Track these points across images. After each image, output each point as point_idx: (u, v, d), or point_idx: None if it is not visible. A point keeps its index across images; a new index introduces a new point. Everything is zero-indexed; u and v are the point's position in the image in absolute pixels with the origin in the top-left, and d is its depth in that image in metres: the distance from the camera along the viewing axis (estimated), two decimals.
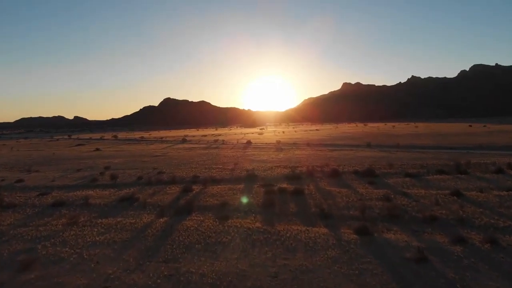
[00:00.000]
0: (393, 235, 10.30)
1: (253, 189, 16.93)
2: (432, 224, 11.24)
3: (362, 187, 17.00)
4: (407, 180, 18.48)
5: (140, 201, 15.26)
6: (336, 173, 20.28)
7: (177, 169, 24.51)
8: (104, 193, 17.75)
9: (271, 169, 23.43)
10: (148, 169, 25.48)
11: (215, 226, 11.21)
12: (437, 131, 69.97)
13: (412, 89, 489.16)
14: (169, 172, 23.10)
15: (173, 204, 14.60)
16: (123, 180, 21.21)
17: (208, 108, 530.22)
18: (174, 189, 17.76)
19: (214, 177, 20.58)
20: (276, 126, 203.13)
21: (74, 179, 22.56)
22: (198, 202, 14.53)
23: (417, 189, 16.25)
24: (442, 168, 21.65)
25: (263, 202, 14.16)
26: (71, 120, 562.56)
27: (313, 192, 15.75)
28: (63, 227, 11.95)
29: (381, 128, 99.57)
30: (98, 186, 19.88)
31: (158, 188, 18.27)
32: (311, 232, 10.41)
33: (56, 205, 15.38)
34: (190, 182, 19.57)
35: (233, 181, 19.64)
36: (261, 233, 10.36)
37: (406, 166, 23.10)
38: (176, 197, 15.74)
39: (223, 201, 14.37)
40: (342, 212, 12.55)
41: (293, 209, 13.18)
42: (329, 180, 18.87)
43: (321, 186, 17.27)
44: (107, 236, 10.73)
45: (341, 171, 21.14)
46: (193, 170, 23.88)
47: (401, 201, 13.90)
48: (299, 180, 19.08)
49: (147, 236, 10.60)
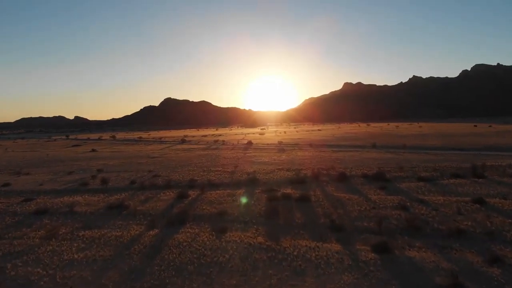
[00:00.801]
0: (417, 252, 8.89)
1: (255, 195, 15.52)
2: (459, 239, 9.83)
3: (374, 193, 15.58)
4: (421, 185, 17.07)
5: (130, 209, 13.86)
6: (343, 176, 18.86)
7: (174, 172, 23.11)
8: (93, 199, 16.36)
9: (273, 172, 22.02)
10: (143, 171, 24.08)
11: (211, 241, 9.79)
12: (442, 131, 68.49)
13: (414, 89, 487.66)
14: (164, 176, 21.70)
15: (166, 212, 13.19)
16: (115, 184, 19.81)
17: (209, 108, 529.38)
18: (169, 194, 16.35)
19: (212, 181, 19.17)
20: (277, 126, 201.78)
21: (63, 183, 21.17)
22: (193, 211, 13.12)
23: (434, 196, 14.84)
24: (456, 172, 20.24)
25: (266, 210, 12.75)
26: (71, 120, 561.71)
27: (321, 199, 14.33)
28: (40, 241, 10.56)
29: (384, 128, 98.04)
30: (88, 191, 18.49)
31: (152, 193, 16.87)
32: (322, 249, 9.00)
33: (39, 213, 14.00)
34: (186, 186, 18.17)
35: (233, 185, 18.23)
36: (264, 251, 8.95)
37: (418, 169, 21.68)
38: (169, 205, 14.33)
39: (221, 210, 12.96)
40: (355, 224, 11.13)
41: (300, 219, 11.76)
42: (336, 185, 17.45)
43: (329, 192, 15.85)
44: (87, 253, 9.33)
45: (349, 175, 19.71)
46: (191, 173, 22.48)
47: (420, 210, 12.50)
48: (304, 185, 17.67)
49: (133, 253, 9.19)
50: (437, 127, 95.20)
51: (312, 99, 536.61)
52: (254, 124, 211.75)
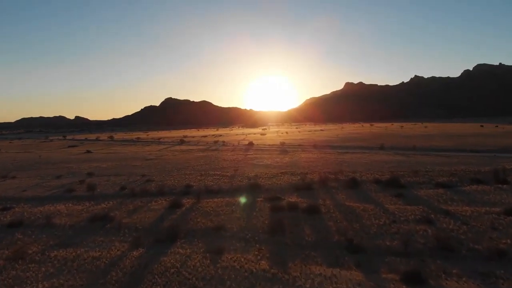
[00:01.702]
0: (456, 283, 7.20)
1: (256, 204, 13.82)
2: (501, 262, 8.17)
3: (390, 202, 13.89)
4: (441, 192, 15.37)
5: (114, 222, 12.18)
6: (354, 182, 17.15)
7: (169, 176, 21.43)
8: (76, 208, 14.69)
9: (276, 176, 20.33)
10: (136, 175, 22.41)
11: (204, 266, 8.10)
12: (449, 132, 66.70)
13: (415, 89, 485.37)
14: (158, 180, 20.03)
15: (155, 226, 11.52)
16: (104, 190, 18.13)
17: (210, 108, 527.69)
18: (161, 203, 14.67)
19: (210, 187, 17.49)
20: (278, 126, 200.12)
21: (48, 189, 19.52)
22: (186, 224, 11.43)
23: (459, 206, 13.15)
24: (476, 176, 18.55)
25: (270, 224, 11.05)
26: (72, 120, 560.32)
27: (332, 210, 12.62)
28: (4, 263, 8.91)
29: (389, 129, 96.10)
30: (73, 198, 16.83)
31: (142, 201, 15.19)
32: (341, 279, 7.30)
33: (13, 226, 12.36)
34: (181, 193, 16.50)
35: (233, 192, 16.55)
36: (268, 282, 7.25)
37: (433, 173, 19.98)
38: (160, 216, 12.64)
39: (218, 223, 11.27)
40: (376, 242, 9.43)
41: (310, 236, 10.06)
42: (347, 192, 15.75)
43: (340, 201, 14.15)
44: (54, 283, 7.65)
45: (360, 180, 18.00)
46: (187, 177, 20.79)
47: (447, 225, 10.80)
48: (311, 192, 15.98)
49: (109, 283, 7.51)
50: (443, 127, 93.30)
51: (313, 99, 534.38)
52: (255, 124, 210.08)
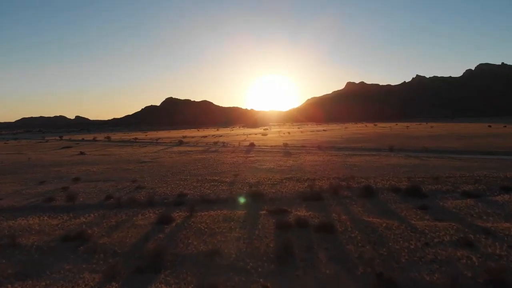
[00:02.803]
0: None
1: (259, 219, 11.82)
2: None
3: (415, 216, 11.90)
4: (471, 203, 13.39)
5: (90, 242, 10.20)
6: (369, 191, 15.14)
7: (162, 182, 19.43)
8: (51, 222, 12.71)
9: (280, 182, 18.32)
10: (127, 181, 20.42)
11: None
12: (457, 132, 64.56)
13: (417, 89, 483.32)
14: (149, 187, 18.04)
15: (137, 249, 9.53)
16: (87, 199, 16.15)
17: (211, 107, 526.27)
18: (148, 217, 12.69)
19: (206, 196, 15.50)
20: (280, 126, 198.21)
21: (27, 197, 17.55)
22: (175, 247, 9.44)
23: (497, 221, 11.20)
24: (504, 183, 16.63)
25: (276, 249, 9.05)
26: (72, 120, 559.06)
27: (349, 227, 10.61)
28: None
29: (394, 129, 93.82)
30: (51, 209, 14.85)
31: (127, 214, 13.22)
32: None
33: None
34: (173, 204, 14.52)
35: (232, 202, 14.57)
36: None
37: (455, 179, 17.98)
38: (145, 235, 10.64)
39: (213, 247, 9.28)
40: (411, 276, 7.43)
41: (327, 267, 8.04)
42: (363, 203, 13.75)
43: (356, 214, 12.15)
44: None
45: (375, 188, 15.99)
46: (182, 183, 18.80)
47: (492, 249, 8.81)
48: (322, 203, 13.98)
49: None
50: (449, 127, 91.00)
51: (315, 99, 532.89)
52: (256, 124, 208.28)
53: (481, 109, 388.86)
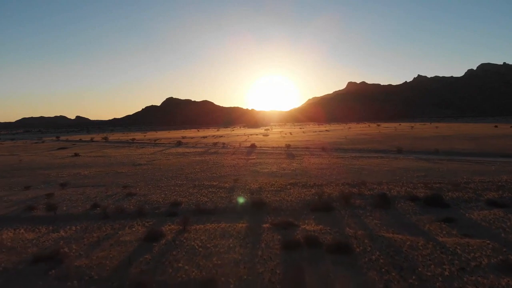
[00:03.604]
0: None
1: (262, 235, 10.24)
2: None
3: (441, 230, 10.35)
4: (499, 214, 11.86)
5: (64, 264, 8.63)
6: (384, 200, 13.55)
7: (155, 188, 17.87)
8: (27, 236, 11.17)
9: (285, 188, 16.75)
10: (118, 186, 18.86)
11: None
12: (465, 133, 62.78)
13: (418, 88, 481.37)
14: (141, 194, 16.48)
15: (118, 275, 7.95)
16: (71, 208, 14.59)
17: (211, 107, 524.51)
18: (136, 231, 11.12)
19: (202, 205, 13.95)
20: (281, 126, 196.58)
21: (9, 205, 16.05)
22: (162, 274, 7.86)
23: None
24: None
25: (283, 278, 7.46)
26: (72, 120, 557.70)
27: (368, 247, 9.02)
28: None
29: (398, 129, 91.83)
30: (30, 220, 13.34)
31: (113, 227, 11.66)
32: None
33: None
34: (165, 214, 12.97)
35: (231, 213, 13.01)
36: None
37: (476, 185, 16.40)
38: (129, 256, 9.05)
39: (208, 274, 7.71)
40: None
41: None
42: (379, 214, 12.17)
43: (374, 229, 10.57)
44: None
45: (390, 195, 14.41)
46: (177, 189, 17.23)
47: None
48: (332, 214, 12.41)
49: None
50: (455, 127, 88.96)
51: (316, 99, 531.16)
52: (257, 124, 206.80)
53: (483, 109, 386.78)
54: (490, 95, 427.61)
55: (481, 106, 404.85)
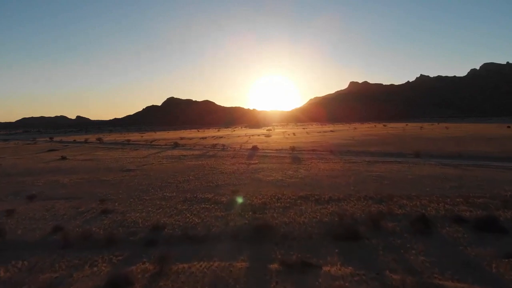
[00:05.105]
0: None
1: (269, 284, 7.27)
2: None
3: None
4: None
5: None
6: (424, 222, 10.56)
7: (137, 203, 14.90)
8: None
9: (294, 204, 13.76)
10: (95, 200, 15.89)
11: None
12: (477, 134, 59.60)
13: (421, 88, 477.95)
14: (119, 212, 13.51)
15: None
16: (27, 232, 11.60)
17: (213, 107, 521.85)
18: (97, 271, 8.19)
19: (190, 230, 10.97)
20: (283, 126, 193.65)
21: None
22: None
23: None
24: None
25: None
26: (73, 120, 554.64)
27: None
28: None
29: (407, 130, 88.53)
30: None
31: (70, 264, 8.74)
32: None
33: None
34: (141, 243, 10.00)
35: (227, 240, 10.04)
36: None
37: None
38: None
39: None
40: None
41: None
42: (423, 245, 9.19)
43: (423, 272, 7.59)
44: None
45: (428, 216, 11.40)
46: (162, 206, 14.24)
47: None
48: (361, 244, 9.44)
49: None
50: (465, 128, 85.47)
51: (317, 99, 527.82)
52: (258, 124, 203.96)
53: (483, 109, 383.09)
54: (490, 95, 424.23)
55: (482, 106, 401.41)
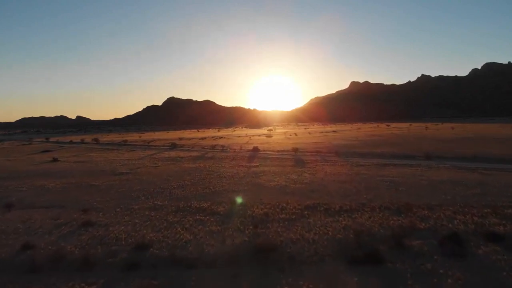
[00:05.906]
0: None
1: None
2: None
3: None
4: None
5: None
6: (456, 241, 8.96)
7: (124, 213, 13.29)
8: None
9: (301, 215, 12.14)
10: (78, 209, 14.28)
11: None
12: (485, 134, 57.88)
13: (422, 88, 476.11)
14: (102, 224, 11.89)
15: None
16: None
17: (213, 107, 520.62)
18: None
19: (181, 250, 9.37)
20: (284, 126, 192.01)
21: None
22: None
23: None
24: None
25: None
26: (73, 120, 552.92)
27: None
28: None
29: (411, 130, 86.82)
30: None
31: None
32: None
33: None
34: (120, 267, 8.39)
35: (222, 265, 8.43)
36: None
37: None
38: None
39: None
40: None
41: None
42: (458, 271, 7.57)
43: None
44: None
45: (455, 230, 9.80)
46: (151, 217, 12.63)
47: None
48: (383, 268, 7.83)
49: None
50: (471, 128, 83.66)
51: (318, 99, 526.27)
52: (259, 124, 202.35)
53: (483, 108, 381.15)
54: (491, 95, 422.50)
55: (482, 106, 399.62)
